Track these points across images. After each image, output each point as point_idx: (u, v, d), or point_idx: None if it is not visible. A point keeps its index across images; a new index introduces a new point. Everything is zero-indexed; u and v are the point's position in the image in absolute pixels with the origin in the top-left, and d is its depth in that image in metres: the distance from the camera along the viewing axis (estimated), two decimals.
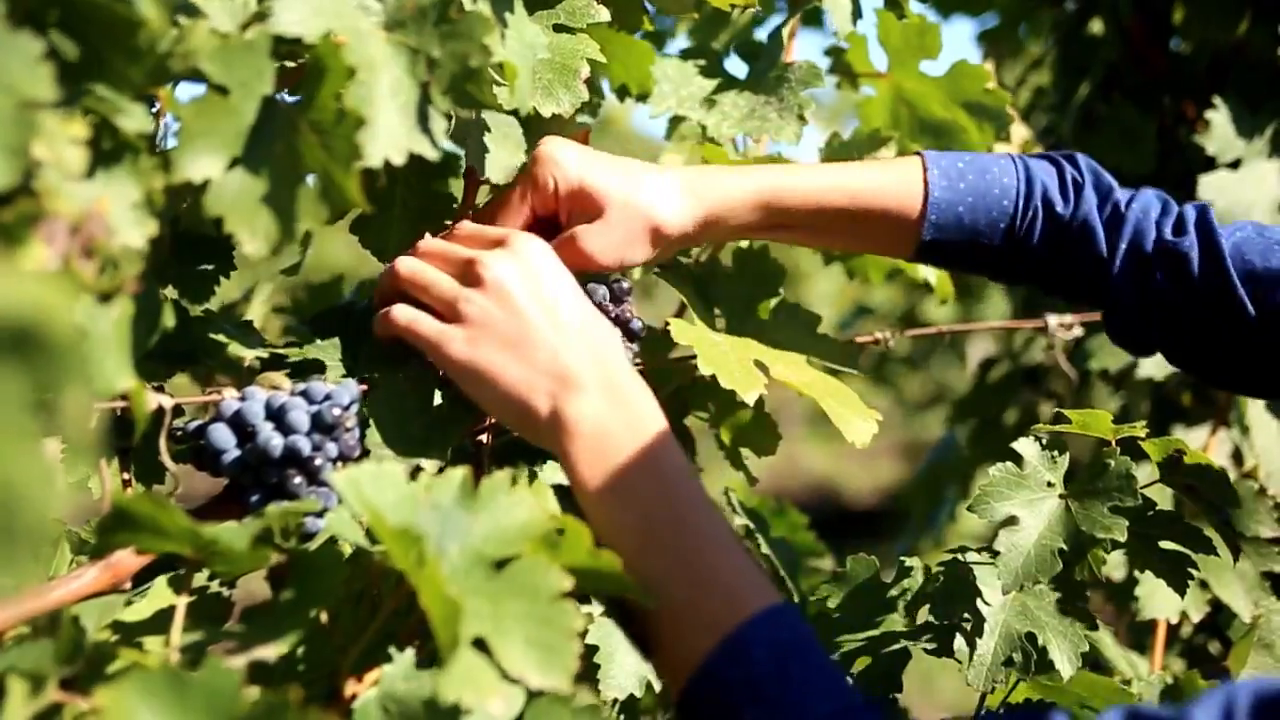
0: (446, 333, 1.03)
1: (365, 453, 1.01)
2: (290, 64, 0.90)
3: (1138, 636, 2.02)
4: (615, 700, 1.18)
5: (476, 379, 1.02)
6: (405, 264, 1.07)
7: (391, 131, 0.86)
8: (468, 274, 1.05)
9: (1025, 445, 1.18)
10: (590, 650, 1.17)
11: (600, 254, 1.14)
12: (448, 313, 1.04)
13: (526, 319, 1.02)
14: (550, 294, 1.04)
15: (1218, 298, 1.20)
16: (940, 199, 1.24)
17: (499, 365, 1.01)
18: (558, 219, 1.17)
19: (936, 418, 5.75)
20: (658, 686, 1.23)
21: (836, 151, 1.54)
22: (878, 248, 1.29)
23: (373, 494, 0.80)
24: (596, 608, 1.17)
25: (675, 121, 1.55)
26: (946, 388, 5.35)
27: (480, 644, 0.77)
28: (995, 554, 1.16)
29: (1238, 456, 1.99)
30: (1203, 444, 1.96)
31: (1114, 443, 1.20)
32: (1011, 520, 1.15)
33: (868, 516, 6.32)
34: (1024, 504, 1.16)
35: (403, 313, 1.06)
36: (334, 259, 5.31)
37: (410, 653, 0.82)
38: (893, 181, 1.25)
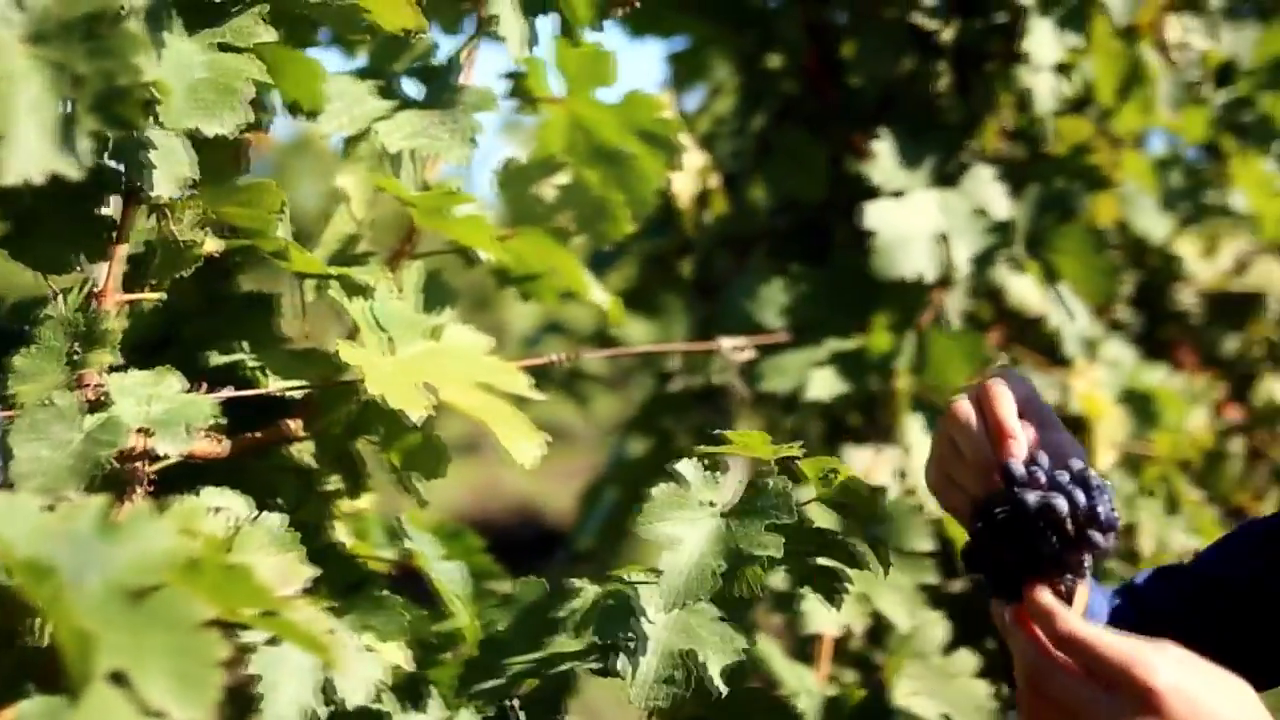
0: None
1: (9, 484, 0.98)
2: None
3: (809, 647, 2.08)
4: None
5: None
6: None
7: (30, 149, 0.83)
8: None
9: (686, 466, 1.21)
10: (254, 680, 1.15)
11: None
12: None
13: None
14: None
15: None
16: None
17: None
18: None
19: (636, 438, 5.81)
20: (323, 715, 1.22)
21: (513, 175, 1.55)
22: None
23: (3, 526, 0.77)
24: (259, 636, 1.15)
25: (351, 142, 1.53)
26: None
27: (122, 678, 0.75)
28: (659, 573, 1.18)
29: (903, 474, 2.07)
30: (869, 463, 2.03)
31: (772, 463, 1.23)
32: (672, 540, 1.18)
33: (570, 536, 6.36)
34: (684, 523, 1.19)
35: None
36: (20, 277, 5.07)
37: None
38: None
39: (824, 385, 1.94)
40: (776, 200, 2.22)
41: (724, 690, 1.19)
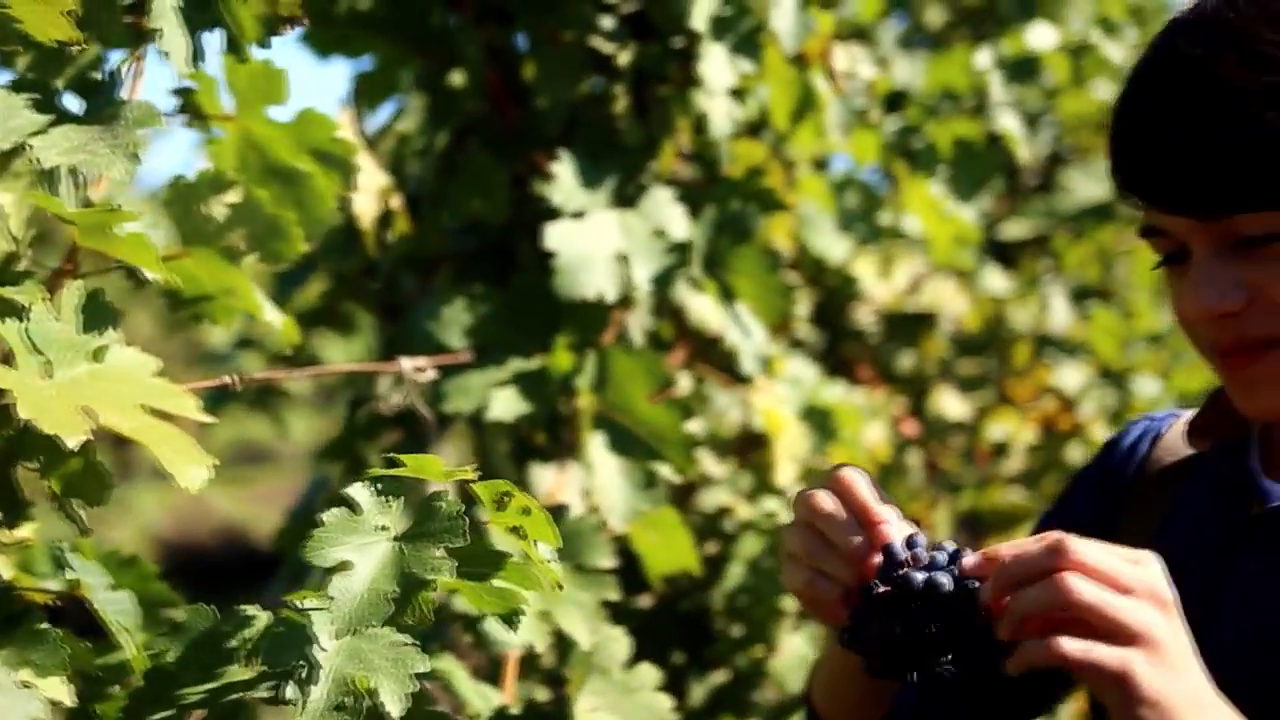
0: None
1: None
2: None
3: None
4: None
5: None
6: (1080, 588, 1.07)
7: None
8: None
9: (358, 490, 1.20)
10: None
11: None
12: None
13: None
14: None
15: None
16: None
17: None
18: None
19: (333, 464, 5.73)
20: None
21: (181, 194, 1.51)
22: None
23: None
24: None
25: (6, 157, 1.47)
26: None
27: None
28: (331, 598, 1.17)
29: (587, 492, 2.09)
30: (554, 481, 2.05)
31: (447, 485, 1.23)
32: (344, 565, 1.17)
33: (278, 560, 6.23)
34: (356, 548, 1.17)
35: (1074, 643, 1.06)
36: None
37: None
38: None
39: (506, 405, 1.94)
40: (460, 221, 2.22)
41: (398, 715, 1.18)
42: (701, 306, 2.22)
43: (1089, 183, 4.21)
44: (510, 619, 1.27)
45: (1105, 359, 3.97)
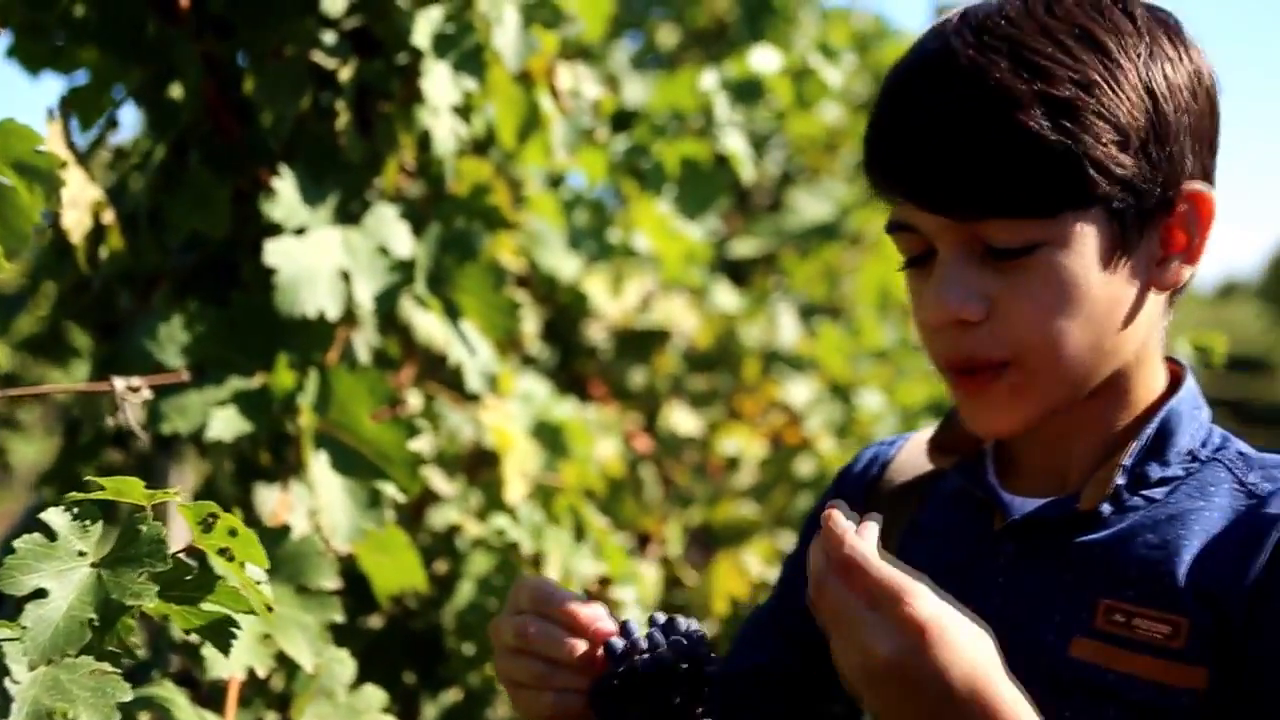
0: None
1: None
2: None
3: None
4: None
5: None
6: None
7: None
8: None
9: (55, 515, 1.16)
10: None
11: None
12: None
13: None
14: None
15: None
16: None
17: None
18: None
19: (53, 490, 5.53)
20: None
21: None
22: None
23: None
24: None
25: None
26: None
27: None
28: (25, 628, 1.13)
29: (312, 511, 2.05)
30: (278, 501, 2.01)
31: (149, 508, 1.20)
32: (40, 593, 1.13)
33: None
34: (53, 575, 1.14)
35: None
36: None
37: None
38: None
39: (226, 425, 1.89)
40: (180, 237, 2.16)
41: None
42: (427, 324, 2.21)
43: (815, 202, 4.33)
44: (221, 642, 1.25)
45: (832, 374, 4.07)
